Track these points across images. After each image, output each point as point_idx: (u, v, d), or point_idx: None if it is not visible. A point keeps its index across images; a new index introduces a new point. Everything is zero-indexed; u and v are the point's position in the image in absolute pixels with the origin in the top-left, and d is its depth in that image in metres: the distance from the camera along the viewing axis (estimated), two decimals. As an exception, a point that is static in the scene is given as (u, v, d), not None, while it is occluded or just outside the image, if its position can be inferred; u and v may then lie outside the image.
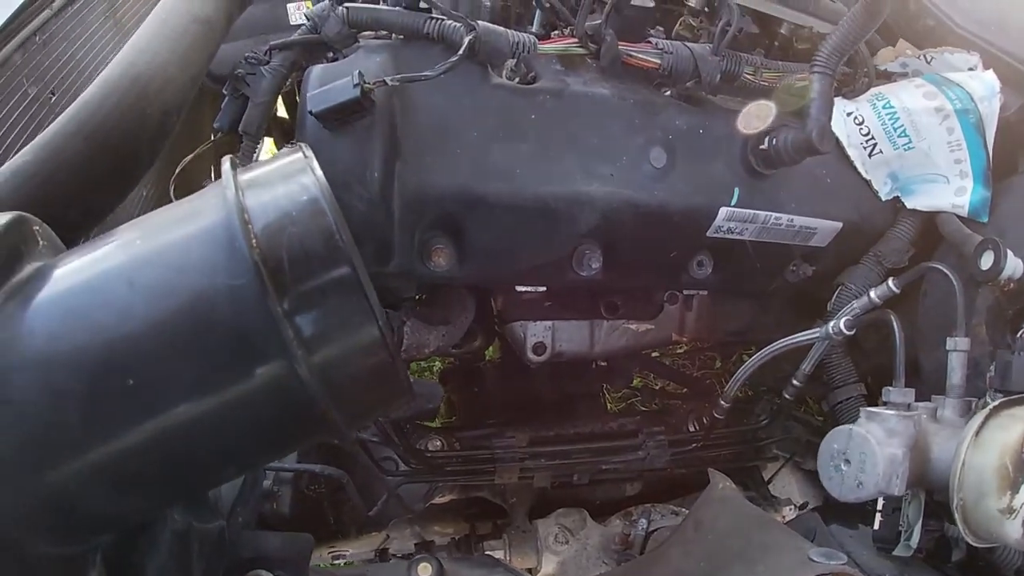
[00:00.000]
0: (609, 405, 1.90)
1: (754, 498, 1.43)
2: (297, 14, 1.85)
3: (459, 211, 1.14)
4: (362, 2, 1.18)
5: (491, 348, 1.60)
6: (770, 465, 1.55)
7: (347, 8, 1.17)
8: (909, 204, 1.34)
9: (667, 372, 1.85)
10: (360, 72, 1.04)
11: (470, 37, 1.10)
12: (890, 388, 1.08)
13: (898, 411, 1.04)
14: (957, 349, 1.15)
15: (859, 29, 1.16)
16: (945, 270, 1.18)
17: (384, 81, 1.05)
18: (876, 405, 1.45)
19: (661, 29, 1.31)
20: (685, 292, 1.38)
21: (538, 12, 1.26)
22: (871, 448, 1.00)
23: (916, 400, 1.15)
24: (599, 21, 1.23)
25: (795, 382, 1.31)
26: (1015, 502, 0.96)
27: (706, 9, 1.31)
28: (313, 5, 1.86)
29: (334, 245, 0.62)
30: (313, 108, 1.06)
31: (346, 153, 1.09)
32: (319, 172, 0.67)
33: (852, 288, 1.32)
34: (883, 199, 1.33)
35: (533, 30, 1.28)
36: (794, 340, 1.20)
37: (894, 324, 1.13)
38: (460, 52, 1.07)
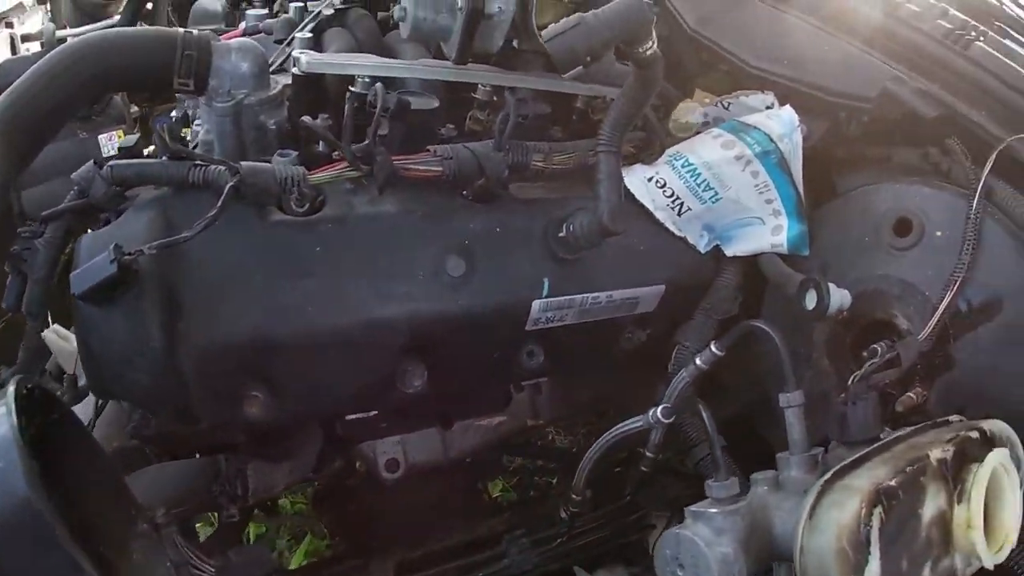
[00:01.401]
0: (501, 483, 1.86)
1: (638, 573, 1.39)
2: (109, 145, 1.80)
3: (258, 359, 1.10)
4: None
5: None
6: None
7: (111, 167, 1.12)
8: (729, 252, 1.33)
9: (533, 452, 1.82)
10: (116, 246, 0.99)
11: (232, 183, 1.06)
12: (711, 483, 1.03)
13: (722, 507, 1.00)
14: (791, 405, 1.13)
15: (637, 101, 1.15)
16: (764, 327, 1.15)
17: (142, 251, 1.01)
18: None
19: (452, 126, 1.29)
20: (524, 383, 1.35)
21: (323, 132, 1.23)
22: (700, 551, 0.96)
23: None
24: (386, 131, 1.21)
25: (648, 454, 1.29)
26: (863, 584, 0.92)
27: (495, 98, 1.29)
28: (125, 135, 1.83)
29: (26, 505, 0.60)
30: (76, 291, 1.01)
31: (120, 328, 1.04)
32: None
33: (688, 346, 1.31)
34: (703, 251, 1.32)
35: (320, 149, 1.25)
36: (619, 431, 1.17)
37: (703, 414, 1.09)
38: (219, 204, 1.03)
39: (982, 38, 1.36)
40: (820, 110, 1.37)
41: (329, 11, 1.51)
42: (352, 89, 1.22)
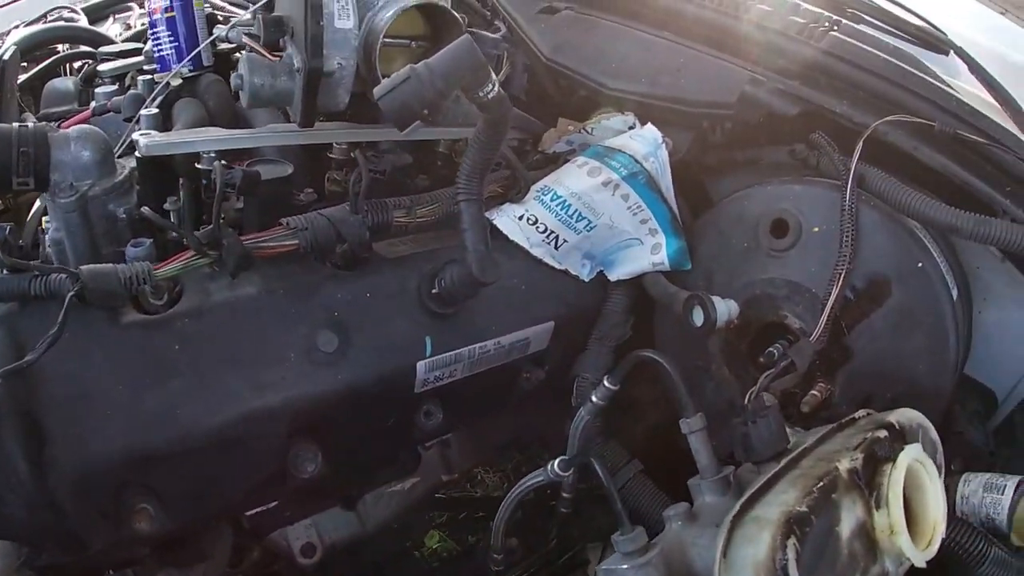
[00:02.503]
0: (437, 535, 1.82)
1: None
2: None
3: (136, 472, 1.03)
4: None
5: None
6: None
7: (-52, 291, 1.04)
8: (612, 276, 1.32)
9: (457, 505, 1.78)
10: (-45, 381, 0.92)
11: (73, 291, 0.99)
12: (616, 537, 0.99)
13: (632, 560, 0.97)
14: (692, 431, 1.10)
15: (490, 145, 1.11)
16: (653, 355, 1.13)
17: (-18, 383, 0.94)
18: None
19: (311, 191, 1.24)
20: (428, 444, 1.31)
21: (174, 218, 1.17)
22: (618, 609, 0.92)
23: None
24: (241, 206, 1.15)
25: (564, 494, 1.26)
26: (787, 623, 0.88)
27: (353, 154, 1.25)
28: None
29: None
30: None
31: None
32: None
33: (587, 378, 1.28)
34: (586, 280, 1.30)
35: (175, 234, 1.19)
36: (522, 489, 1.13)
37: (598, 470, 1.06)
38: (60, 318, 0.96)
39: (836, 27, 1.36)
40: (683, 122, 1.36)
41: (177, 81, 1.45)
42: (198, 166, 1.16)
